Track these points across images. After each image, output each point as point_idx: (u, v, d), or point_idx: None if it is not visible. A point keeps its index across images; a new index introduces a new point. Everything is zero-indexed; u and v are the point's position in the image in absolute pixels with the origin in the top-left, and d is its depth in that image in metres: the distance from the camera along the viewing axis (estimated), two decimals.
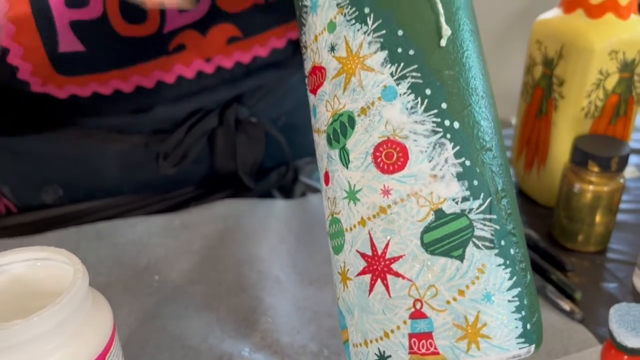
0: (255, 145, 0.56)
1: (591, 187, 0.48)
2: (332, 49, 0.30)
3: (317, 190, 0.58)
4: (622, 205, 0.56)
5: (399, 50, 0.28)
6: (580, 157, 0.48)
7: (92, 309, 0.28)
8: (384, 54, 0.28)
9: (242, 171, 0.56)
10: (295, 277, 0.47)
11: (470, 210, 0.28)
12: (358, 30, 0.29)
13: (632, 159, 0.65)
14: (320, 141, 0.31)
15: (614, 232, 0.52)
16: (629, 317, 0.34)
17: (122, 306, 0.44)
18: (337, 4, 0.29)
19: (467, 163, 0.28)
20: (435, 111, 0.28)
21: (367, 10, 0.29)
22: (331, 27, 0.30)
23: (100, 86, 0.47)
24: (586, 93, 0.50)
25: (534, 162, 0.56)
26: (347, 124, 0.29)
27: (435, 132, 0.28)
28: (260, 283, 0.45)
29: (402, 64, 0.28)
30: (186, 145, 0.53)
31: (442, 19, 0.28)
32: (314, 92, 0.31)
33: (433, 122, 0.28)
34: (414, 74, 0.28)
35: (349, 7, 0.29)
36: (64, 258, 0.29)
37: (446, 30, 0.28)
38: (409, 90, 0.28)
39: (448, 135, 0.28)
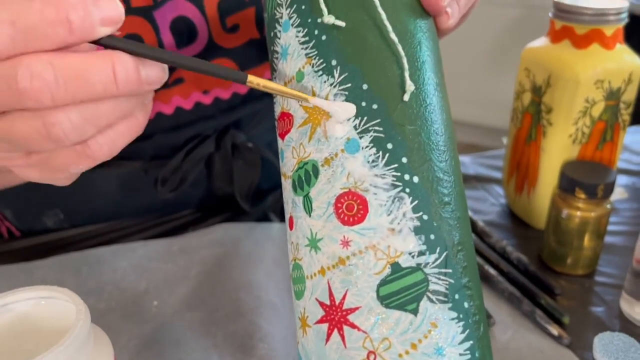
0: (251, 169, 0.57)
1: (578, 213, 0.49)
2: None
3: None
4: (611, 227, 0.57)
5: (363, 104, 0.29)
6: (568, 183, 0.49)
7: (93, 347, 0.29)
8: (349, 107, 0.29)
9: (239, 194, 0.57)
10: (291, 303, 0.48)
11: (426, 264, 0.28)
12: (325, 81, 0.30)
13: (620, 179, 0.66)
14: (286, 186, 0.32)
15: (603, 254, 0.53)
16: (612, 347, 0.36)
17: (121, 332, 0.45)
18: (306, 54, 0.30)
19: (425, 217, 0.29)
20: (396, 165, 0.29)
21: (334, 62, 0.30)
22: (299, 76, 0.31)
23: None
24: (573, 120, 0.51)
25: (524, 186, 0.58)
26: (311, 173, 0.30)
27: (395, 186, 0.28)
28: (258, 309, 0.47)
29: (365, 118, 0.29)
30: (184, 170, 0.54)
31: (407, 74, 0.29)
32: (282, 136, 0.32)
33: (393, 176, 0.28)
34: (377, 128, 0.29)
35: (317, 58, 0.30)
36: (66, 297, 0.30)
37: (410, 86, 0.29)
38: (371, 144, 0.29)
39: (407, 190, 0.28)
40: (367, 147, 0.29)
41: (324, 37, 0.30)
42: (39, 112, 0.26)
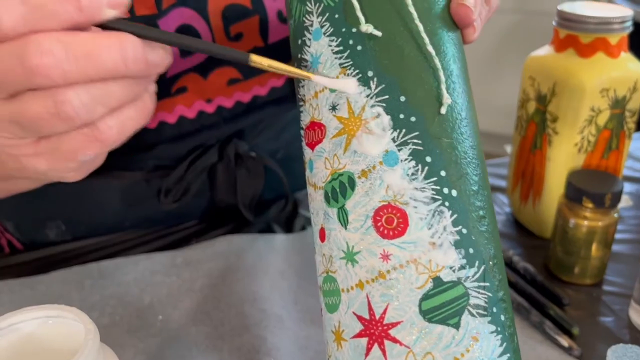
0: (254, 179, 0.57)
1: (586, 222, 0.49)
2: (334, 108, 0.30)
3: None
4: (617, 235, 0.57)
5: (401, 116, 0.29)
6: (574, 193, 0.49)
7: None
8: (386, 119, 0.29)
9: (242, 204, 0.57)
10: (297, 315, 0.47)
11: (466, 278, 0.28)
12: (361, 93, 0.29)
13: (625, 187, 0.66)
14: (316, 196, 0.32)
15: (610, 263, 0.53)
16: (626, 359, 0.35)
17: (127, 347, 0.44)
18: (340, 64, 0.30)
19: (464, 231, 0.29)
20: (435, 179, 0.28)
21: (370, 73, 0.29)
22: None
23: None
24: (579, 129, 0.51)
25: (529, 195, 0.57)
26: (347, 185, 0.29)
27: (435, 200, 0.28)
28: (263, 322, 0.46)
29: (403, 130, 0.29)
30: (187, 181, 0.53)
31: (444, 87, 0.29)
32: (312, 146, 0.32)
33: (432, 189, 0.28)
34: (415, 140, 0.29)
35: (352, 68, 0.30)
36: (74, 316, 0.29)
37: (447, 99, 0.29)
38: (410, 157, 0.29)
39: (447, 203, 0.28)
40: (406, 159, 0.29)
41: (359, 47, 0.29)
42: (50, 90, 0.26)
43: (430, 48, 0.29)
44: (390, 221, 0.28)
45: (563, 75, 0.51)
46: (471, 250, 0.28)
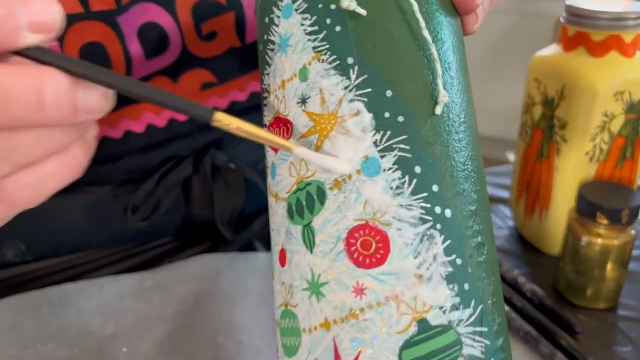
0: (234, 193, 0.52)
1: (600, 241, 0.44)
2: (303, 101, 0.25)
3: None
4: (634, 252, 0.52)
5: (387, 114, 0.24)
6: (587, 207, 0.44)
7: None
8: (367, 118, 0.24)
9: (221, 221, 0.52)
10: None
11: (460, 322, 0.23)
12: (338, 83, 0.24)
13: None
14: (278, 209, 0.26)
15: (626, 284, 0.48)
16: None
17: None
18: (314, 48, 0.25)
19: (459, 262, 0.23)
20: (425, 194, 0.23)
21: (350, 60, 0.24)
22: (304, 74, 0.25)
23: None
24: (591, 136, 0.46)
25: (535, 208, 0.52)
26: (315, 197, 0.24)
27: (424, 221, 0.23)
28: (240, 356, 0.41)
29: (389, 133, 0.23)
30: (158, 196, 0.48)
31: (440, 82, 0.24)
32: (275, 149, 0.27)
33: (422, 207, 0.23)
34: (402, 146, 0.23)
35: (328, 53, 0.24)
36: None
37: (443, 97, 0.24)
38: (395, 166, 0.23)
39: (438, 226, 0.23)
40: (390, 169, 0.23)
41: (338, 28, 0.24)
42: None
43: (426, 33, 0.24)
44: (368, 246, 0.23)
45: (573, 77, 0.46)
46: (466, 287, 0.23)
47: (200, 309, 0.46)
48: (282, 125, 0.26)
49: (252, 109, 0.49)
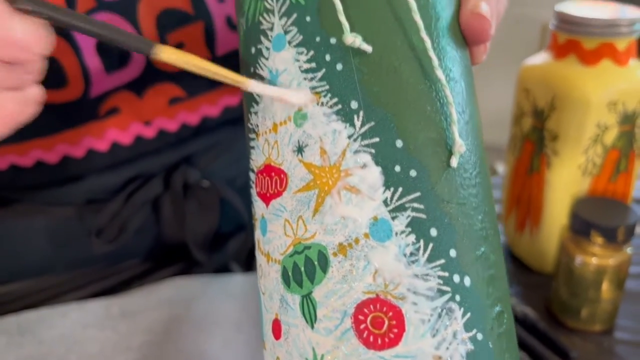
0: (207, 213, 0.49)
1: (594, 260, 0.41)
2: (299, 149, 0.22)
3: None
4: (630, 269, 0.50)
5: (397, 168, 0.21)
6: (581, 225, 0.41)
7: None
8: (375, 172, 0.21)
9: (193, 243, 0.49)
10: None
11: None
12: (340, 131, 0.21)
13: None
14: (270, 271, 0.23)
15: (622, 305, 0.45)
16: None
17: None
18: (312, 88, 0.21)
19: (479, 337, 0.20)
20: (442, 261, 0.20)
21: (354, 104, 0.21)
22: (300, 118, 0.22)
23: (19, 157, 0.40)
24: (583, 149, 0.44)
25: (526, 223, 0.50)
26: (316, 264, 0.21)
27: (442, 293, 0.20)
28: None
29: (400, 189, 0.20)
30: (124, 217, 0.45)
31: (456, 129, 0.21)
32: (266, 200, 0.23)
33: (439, 277, 0.20)
34: (416, 204, 0.20)
35: (329, 95, 0.21)
36: None
37: (460, 146, 0.21)
38: (409, 229, 0.20)
39: (457, 297, 0.20)
40: (402, 232, 0.20)
41: (339, 66, 0.21)
42: None
43: (439, 72, 0.21)
44: (379, 323, 0.20)
45: (563, 87, 0.43)
46: None
47: (171, 338, 0.42)
48: (275, 175, 0.23)
49: (225, 124, 0.47)
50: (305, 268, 0.21)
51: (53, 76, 0.36)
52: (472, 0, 0.23)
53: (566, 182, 0.45)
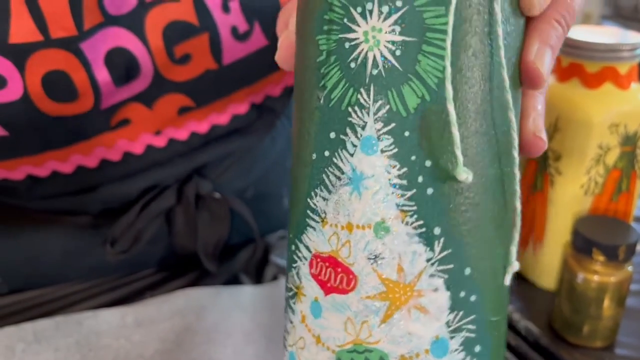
0: (218, 223, 0.50)
1: (596, 277, 0.42)
2: (375, 259, 0.22)
3: None
4: (631, 287, 0.51)
5: (462, 294, 0.22)
6: (583, 243, 0.42)
7: None
8: (445, 297, 0.21)
9: (204, 253, 0.50)
10: None
11: None
12: (420, 254, 0.21)
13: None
14: (318, 351, 0.23)
15: (623, 322, 0.46)
16: None
17: None
18: (397, 205, 0.21)
19: None
20: None
21: (437, 231, 0.21)
22: (380, 229, 0.21)
23: (35, 168, 0.41)
24: (585, 169, 0.45)
25: (529, 241, 0.51)
26: None
27: None
28: None
29: (461, 313, 0.22)
30: (138, 228, 0.47)
31: (515, 250, 0.22)
32: (325, 289, 0.23)
33: None
34: (470, 326, 0.22)
35: (415, 216, 0.21)
36: None
37: (515, 266, 0.23)
38: (461, 347, 0.22)
39: None
40: (456, 350, 0.22)
41: (430, 190, 0.21)
42: None
43: (518, 203, 0.22)
44: None
45: (567, 108, 0.45)
46: None
47: (183, 347, 0.44)
48: (342, 272, 0.22)
49: (234, 133, 0.47)
50: None
51: (64, 90, 0.37)
52: (532, 117, 0.24)
53: (569, 201, 0.47)
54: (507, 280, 0.22)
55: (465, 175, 0.20)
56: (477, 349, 0.22)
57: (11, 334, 0.45)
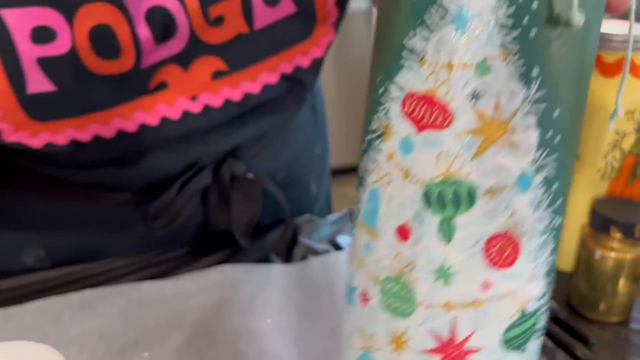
0: (251, 203, 0.53)
1: (613, 254, 0.45)
2: (475, 97, 0.23)
3: (317, 253, 0.54)
4: None
5: (549, 134, 0.23)
6: (601, 222, 0.45)
7: None
8: (535, 134, 0.23)
9: (238, 230, 0.52)
10: (298, 356, 0.43)
11: (541, 306, 0.27)
12: (518, 92, 0.22)
13: None
14: (407, 187, 0.25)
15: (637, 299, 0.49)
16: None
17: None
18: (501, 44, 0.22)
19: (553, 258, 0.26)
20: (554, 206, 0.25)
21: (535, 71, 0.22)
22: (482, 68, 0.22)
23: (78, 132, 0.41)
24: (602, 154, 0.48)
25: None
26: (463, 199, 0.24)
27: (546, 231, 0.25)
28: None
29: (546, 151, 0.23)
30: (178, 205, 0.49)
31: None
32: (419, 126, 0.24)
33: (549, 219, 0.25)
34: (553, 164, 0.24)
35: (517, 55, 0.22)
36: (43, 355, 0.25)
37: (619, 113, 0.27)
38: (543, 182, 0.24)
39: (553, 234, 0.25)
40: (537, 185, 0.24)
41: (533, 32, 0.22)
42: None
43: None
44: (503, 251, 0.25)
45: None
46: (550, 278, 0.27)
47: (220, 316, 0.46)
48: (438, 109, 0.23)
49: (266, 108, 0.48)
50: (453, 199, 0.24)
51: (109, 45, 0.38)
52: None
53: (586, 185, 0.49)
54: (611, 126, 0.27)
55: (579, 17, 0.21)
56: (555, 186, 0.24)
57: (58, 302, 0.47)
